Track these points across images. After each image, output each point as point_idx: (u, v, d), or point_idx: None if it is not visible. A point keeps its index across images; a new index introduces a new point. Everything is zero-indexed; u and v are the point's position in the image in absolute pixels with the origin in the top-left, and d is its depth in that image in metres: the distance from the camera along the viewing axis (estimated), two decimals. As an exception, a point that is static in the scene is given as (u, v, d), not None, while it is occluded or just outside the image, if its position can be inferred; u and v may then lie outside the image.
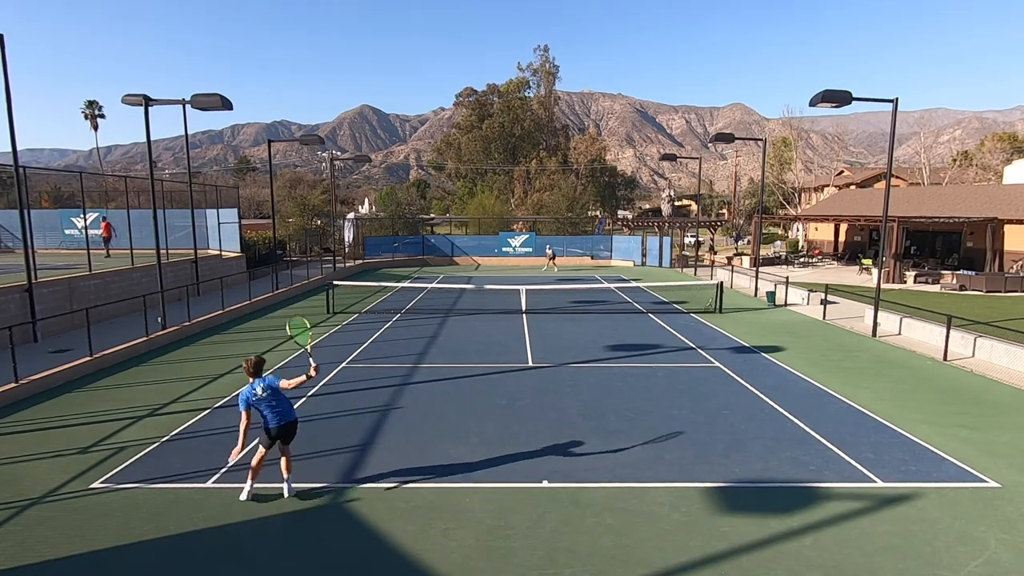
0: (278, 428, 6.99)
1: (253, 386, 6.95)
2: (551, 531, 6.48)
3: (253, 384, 6.97)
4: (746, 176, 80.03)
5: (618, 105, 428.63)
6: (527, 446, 8.78)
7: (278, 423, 6.97)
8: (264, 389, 6.92)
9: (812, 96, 15.53)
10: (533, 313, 20.06)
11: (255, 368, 7.05)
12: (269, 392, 6.94)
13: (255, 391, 6.91)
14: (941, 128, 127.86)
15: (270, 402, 6.95)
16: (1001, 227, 28.62)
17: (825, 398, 11.16)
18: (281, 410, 7.01)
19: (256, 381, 6.98)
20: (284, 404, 7.08)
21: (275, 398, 6.98)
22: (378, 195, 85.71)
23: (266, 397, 6.92)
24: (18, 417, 10.03)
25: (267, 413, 6.97)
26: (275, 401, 6.98)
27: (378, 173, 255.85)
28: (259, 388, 6.92)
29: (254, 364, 7.07)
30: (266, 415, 6.98)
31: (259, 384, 6.95)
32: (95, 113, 78.25)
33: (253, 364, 7.06)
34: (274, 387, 6.96)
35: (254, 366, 7.05)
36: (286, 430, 7.07)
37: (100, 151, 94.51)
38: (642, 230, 47.78)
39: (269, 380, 7.00)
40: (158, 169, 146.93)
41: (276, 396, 6.99)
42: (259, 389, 6.92)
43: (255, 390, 6.92)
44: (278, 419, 6.98)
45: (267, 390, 6.93)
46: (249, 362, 7.07)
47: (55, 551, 6.11)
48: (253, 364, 7.06)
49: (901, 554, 6.04)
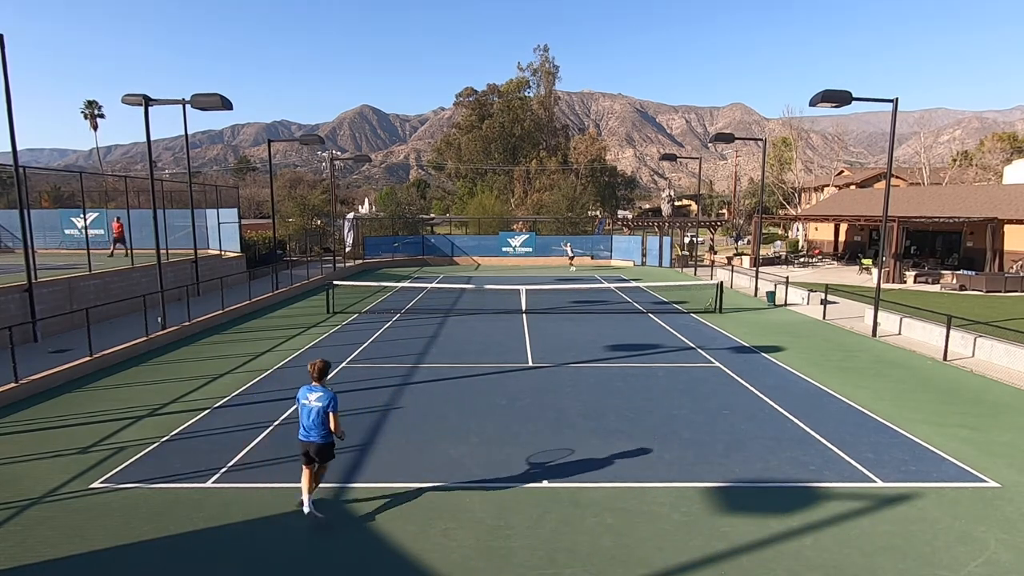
0: (302, 442, 6.62)
1: (310, 388, 6.61)
2: (551, 531, 6.48)
3: (311, 387, 6.61)
4: (746, 176, 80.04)
5: (618, 105, 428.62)
6: (527, 446, 8.78)
7: (304, 437, 6.60)
8: (318, 400, 6.53)
9: (812, 96, 15.53)
10: (533, 313, 20.06)
11: (319, 374, 6.63)
12: (319, 408, 6.51)
13: (307, 396, 6.57)
14: (941, 128, 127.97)
15: (311, 415, 6.56)
16: (1001, 227, 28.62)
17: (825, 398, 11.16)
18: (312, 427, 6.56)
19: (316, 387, 6.59)
20: (320, 426, 6.56)
21: (315, 415, 6.54)
22: (378, 195, 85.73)
23: (314, 408, 6.53)
24: (18, 417, 10.03)
25: (302, 420, 6.64)
26: (315, 418, 6.54)
27: (378, 173, 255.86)
28: (312, 396, 6.56)
29: (319, 369, 6.65)
30: (301, 422, 6.66)
31: (315, 392, 6.56)
32: (95, 113, 78.30)
33: (318, 369, 6.64)
34: (326, 409, 6.51)
35: (319, 371, 6.64)
36: (306, 446, 6.62)
37: (100, 151, 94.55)
38: (642, 230, 47.78)
39: (328, 398, 6.54)
40: (158, 169, 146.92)
41: (319, 414, 6.53)
42: (312, 397, 6.55)
43: (308, 395, 6.58)
44: (305, 433, 6.60)
45: (322, 400, 6.52)
46: (314, 366, 6.65)
47: (55, 551, 6.11)
48: (318, 369, 6.64)
49: (901, 554, 6.04)
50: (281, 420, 9.83)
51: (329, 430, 6.56)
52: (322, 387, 6.60)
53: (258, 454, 8.47)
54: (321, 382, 6.64)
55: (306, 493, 6.72)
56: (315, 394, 6.54)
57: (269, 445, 8.78)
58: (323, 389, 6.58)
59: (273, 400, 10.87)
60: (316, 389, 6.57)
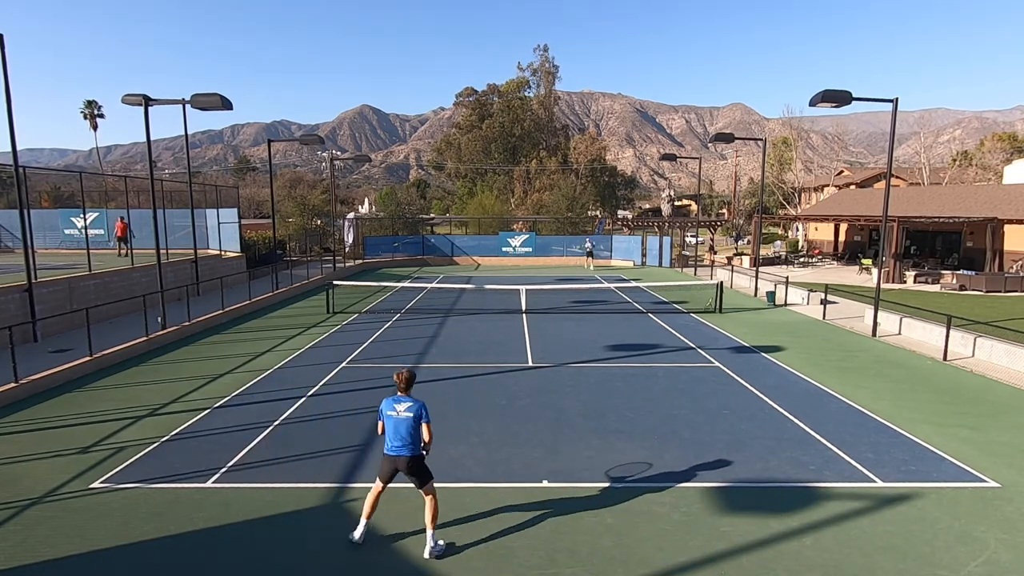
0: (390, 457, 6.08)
1: (397, 399, 6.11)
2: (551, 531, 6.48)
3: (398, 397, 6.14)
4: (746, 176, 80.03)
5: (618, 105, 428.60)
6: (527, 446, 8.78)
7: (395, 451, 6.05)
8: (408, 410, 6.03)
9: (812, 96, 15.52)
10: (533, 313, 20.06)
11: (407, 384, 6.20)
12: (409, 419, 6.01)
13: (394, 407, 6.06)
14: (941, 128, 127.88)
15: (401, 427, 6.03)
16: (1001, 227, 28.62)
17: (825, 398, 11.16)
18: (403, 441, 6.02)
19: (404, 397, 6.14)
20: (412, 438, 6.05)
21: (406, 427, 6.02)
22: (378, 195, 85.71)
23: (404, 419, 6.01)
24: (18, 417, 10.03)
25: (389, 435, 6.09)
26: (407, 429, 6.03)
27: (378, 173, 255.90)
28: (401, 407, 6.06)
29: (406, 379, 6.19)
30: (386, 435, 6.12)
31: (404, 402, 6.08)
32: (94, 113, 78.26)
33: (405, 379, 6.18)
34: (419, 418, 6.04)
35: (406, 381, 6.19)
36: (395, 462, 6.06)
37: (100, 151, 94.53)
38: (642, 230, 47.78)
39: (419, 407, 6.07)
40: (158, 169, 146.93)
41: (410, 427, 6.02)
42: (400, 408, 6.05)
43: (395, 406, 6.06)
44: (396, 448, 6.05)
45: (413, 411, 6.03)
46: (401, 376, 6.19)
47: (55, 551, 6.10)
48: (405, 379, 6.18)
49: (901, 554, 6.04)
50: (281, 420, 9.83)
51: (420, 442, 6.10)
52: (410, 397, 6.16)
53: (258, 454, 8.46)
54: (408, 392, 6.20)
55: (364, 518, 6.25)
56: (403, 404, 6.06)
57: (269, 445, 8.78)
58: (411, 399, 6.13)
59: (273, 400, 10.87)
60: (404, 399, 6.11)
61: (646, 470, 7.99)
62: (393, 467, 6.08)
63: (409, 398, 6.14)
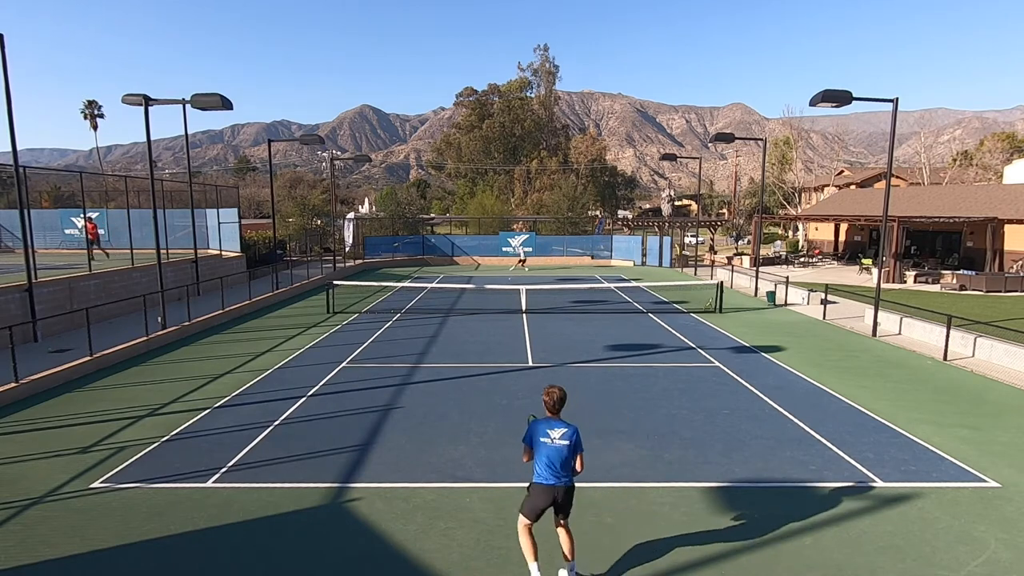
0: (548, 487, 5.38)
1: (550, 424, 5.44)
2: (551, 531, 6.47)
3: (551, 421, 5.46)
4: (746, 176, 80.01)
5: (618, 105, 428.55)
6: (527, 446, 8.77)
7: (552, 481, 5.38)
8: (563, 437, 5.36)
9: (812, 96, 15.52)
10: (533, 313, 20.06)
11: (559, 404, 5.46)
12: (566, 447, 5.36)
13: (548, 434, 5.38)
14: (941, 128, 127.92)
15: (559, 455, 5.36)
16: (1001, 227, 28.62)
17: (825, 398, 11.15)
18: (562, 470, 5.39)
19: (558, 422, 5.45)
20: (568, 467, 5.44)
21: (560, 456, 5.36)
22: (378, 195, 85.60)
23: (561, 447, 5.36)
24: (18, 417, 10.03)
25: (541, 461, 5.39)
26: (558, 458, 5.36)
27: (378, 173, 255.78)
28: (555, 433, 5.37)
29: (558, 399, 5.45)
30: (538, 464, 5.41)
31: (559, 428, 5.40)
32: (94, 113, 78.38)
33: (557, 399, 5.45)
34: (574, 443, 5.40)
35: (559, 401, 5.46)
36: (555, 492, 5.40)
37: (100, 151, 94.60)
38: (642, 230, 47.80)
39: (574, 433, 5.42)
40: (158, 169, 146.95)
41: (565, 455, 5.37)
42: (555, 435, 5.37)
43: (548, 432, 5.39)
44: (555, 478, 5.39)
45: (568, 437, 5.37)
46: (552, 394, 5.46)
47: (55, 551, 6.10)
48: (557, 399, 5.45)
49: (901, 554, 6.04)
50: (281, 420, 9.83)
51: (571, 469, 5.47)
52: (564, 421, 5.50)
53: (258, 454, 8.46)
54: (558, 415, 5.53)
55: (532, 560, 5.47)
56: (558, 431, 5.39)
57: (269, 445, 8.77)
58: (566, 424, 5.47)
59: (273, 400, 10.87)
60: (559, 425, 5.44)
61: (646, 470, 7.99)
62: (552, 497, 5.40)
63: (564, 423, 5.48)
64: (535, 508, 5.46)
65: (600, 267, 37.81)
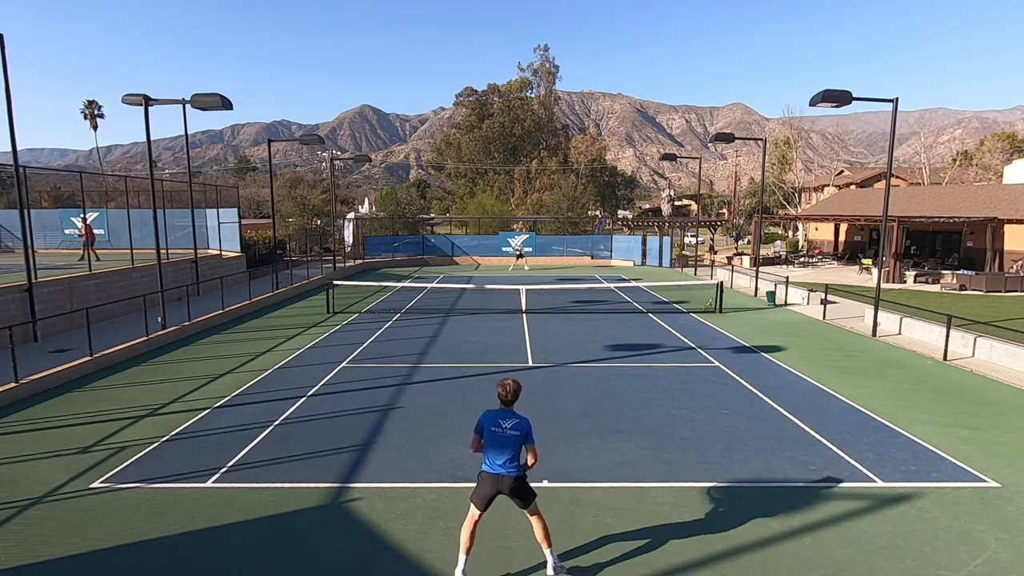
0: (491, 476, 5.52)
1: (503, 415, 5.57)
2: (551, 531, 6.47)
3: (504, 413, 5.59)
4: (746, 176, 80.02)
5: (618, 105, 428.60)
6: (527, 446, 8.76)
7: (491, 469, 5.52)
8: (517, 429, 5.46)
9: (812, 96, 15.52)
10: (533, 313, 20.05)
11: (512, 396, 5.61)
12: (513, 438, 5.45)
13: (500, 424, 5.50)
14: (941, 128, 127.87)
15: (500, 445, 5.48)
16: (1001, 227, 28.62)
17: (825, 398, 11.15)
18: (507, 460, 5.47)
19: (509, 414, 5.57)
20: (516, 457, 5.52)
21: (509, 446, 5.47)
22: (378, 195, 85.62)
23: (507, 437, 5.45)
24: (18, 417, 10.03)
25: (489, 450, 5.52)
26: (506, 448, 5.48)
27: (378, 173, 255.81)
28: (506, 422, 5.50)
29: (513, 391, 5.60)
30: (487, 454, 5.55)
31: (511, 419, 5.52)
32: (95, 113, 78.40)
33: (512, 391, 5.60)
34: (524, 434, 5.48)
35: (513, 393, 5.61)
36: (497, 482, 5.52)
37: (100, 151, 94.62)
38: (642, 230, 47.79)
39: (528, 425, 5.52)
40: (158, 169, 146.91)
41: (513, 446, 5.48)
42: (506, 425, 5.48)
43: (500, 423, 5.50)
44: (493, 466, 5.51)
45: (519, 428, 5.47)
46: (508, 388, 5.60)
47: (55, 551, 6.10)
48: (512, 391, 5.60)
49: (901, 554, 6.04)
50: (281, 420, 9.83)
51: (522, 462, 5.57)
52: (516, 414, 5.62)
53: (258, 454, 8.46)
54: (512, 407, 5.67)
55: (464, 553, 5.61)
56: (510, 421, 5.52)
57: (269, 445, 8.77)
58: (518, 416, 5.60)
59: (273, 400, 10.87)
60: (511, 416, 5.57)
61: (646, 470, 7.99)
62: (495, 488, 5.53)
63: (515, 415, 5.59)
64: (482, 495, 5.60)
65: (600, 267, 37.81)
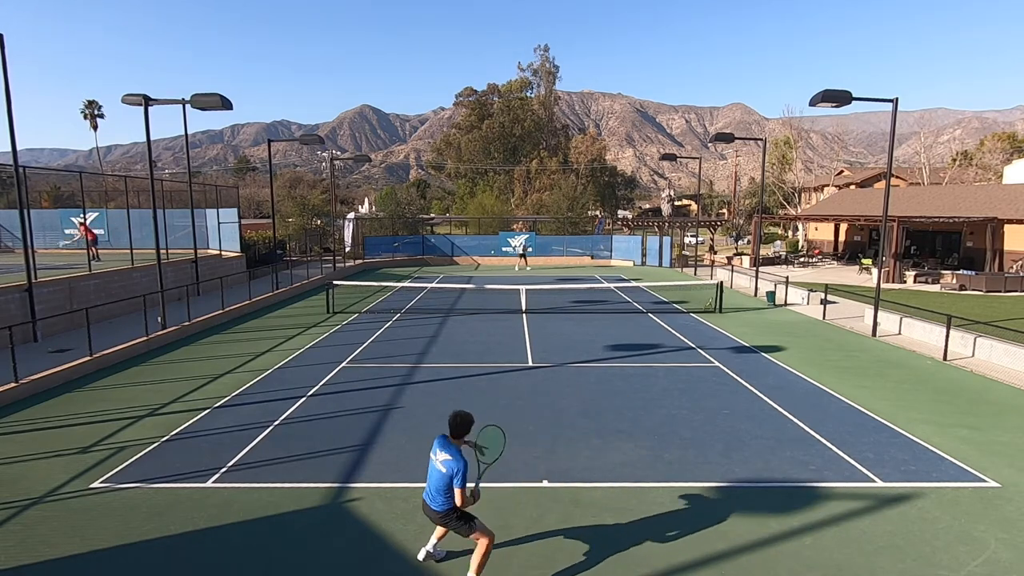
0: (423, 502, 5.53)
1: (444, 445, 5.38)
2: (551, 532, 6.48)
3: (446, 444, 5.39)
4: (746, 176, 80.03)
5: (618, 105, 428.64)
6: (527, 445, 8.77)
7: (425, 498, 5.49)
8: (445, 465, 5.26)
9: (812, 96, 15.52)
10: (533, 313, 20.05)
11: (452, 428, 5.43)
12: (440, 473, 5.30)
13: (436, 454, 5.38)
14: (941, 128, 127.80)
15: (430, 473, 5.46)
16: (1001, 227, 28.62)
17: (825, 398, 11.16)
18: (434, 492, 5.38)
19: (450, 447, 5.35)
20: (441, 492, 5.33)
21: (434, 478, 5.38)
22: (378, 195, 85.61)
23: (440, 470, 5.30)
24: (18, 417, 10.03)
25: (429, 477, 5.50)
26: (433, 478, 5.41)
27: (378, 173, 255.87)
28: (440, 456, 5.33)
29: (452, 424, 5.43)
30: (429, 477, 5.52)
31: (445, 452, 5.31)
32: (94, 113, 78.40)
33: (452, 423, 5.43)
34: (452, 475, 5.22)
35: (453, 426, 5.42)
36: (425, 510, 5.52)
37: (100, 151, 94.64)
38: (642, 230, 47.80)
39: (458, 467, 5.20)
40: (158, 169, 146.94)
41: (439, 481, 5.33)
42: (439, 457, 5.33)
43: (437, 452, 5.38)
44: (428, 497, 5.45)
45: (447, 466, 5.24)
46: (450, 419, 5.46)
47: (55, 551, 6.10)
48: (452, 423, 5.43)
49: (901, 554, 6.04)
50: (281, 420, 9.83)
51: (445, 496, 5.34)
52: (458, 450, 5.36)
53: (258, 454, 8.47)
54: (458, 440, 5.46)
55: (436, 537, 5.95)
56: (444, 455, 5.31)
57: (269, 445, 8.78)
58: (458, 453, 5.31)
59: (273, 400, 10.87)
60: (450, 450, 5.32)
61: (646, 470, 7.99)
62: (426, 513, 5.53)
63: (455, 450, 5.33)
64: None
65: (600, 267, 37.81)
